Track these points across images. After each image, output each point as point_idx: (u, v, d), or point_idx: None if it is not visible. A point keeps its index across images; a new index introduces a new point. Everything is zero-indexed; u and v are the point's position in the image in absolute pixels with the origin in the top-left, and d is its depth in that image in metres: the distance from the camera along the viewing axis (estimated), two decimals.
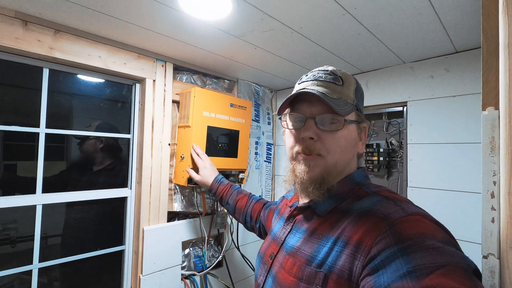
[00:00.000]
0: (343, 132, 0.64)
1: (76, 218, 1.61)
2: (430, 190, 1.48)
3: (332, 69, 0.69)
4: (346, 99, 0.65)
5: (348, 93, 0.66)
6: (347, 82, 0.67)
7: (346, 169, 0.68)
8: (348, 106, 0.64)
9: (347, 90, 0.66)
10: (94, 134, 1.59)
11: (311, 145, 0.64)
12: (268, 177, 2.28)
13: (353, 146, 0.68)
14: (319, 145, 0.64)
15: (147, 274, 1.48)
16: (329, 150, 0.64)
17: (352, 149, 0.68)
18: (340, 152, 0.65)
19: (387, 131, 1.84)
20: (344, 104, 0.64)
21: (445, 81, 1.47)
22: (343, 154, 0.66)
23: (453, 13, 1.07)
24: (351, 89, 0.67)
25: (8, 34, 1.11)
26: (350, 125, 0.66)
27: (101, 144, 1.69)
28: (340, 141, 0.64)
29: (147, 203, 1.53)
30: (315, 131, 0.64)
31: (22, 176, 1.52)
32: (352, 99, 0.66)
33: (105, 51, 1.38)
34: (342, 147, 0.65)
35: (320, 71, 0.69)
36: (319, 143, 0.64)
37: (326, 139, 0.63)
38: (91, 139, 1.67)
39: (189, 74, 1.79)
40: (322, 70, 0.69)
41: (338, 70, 0.70)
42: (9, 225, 1.68)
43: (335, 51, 1.47)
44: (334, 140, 0.64)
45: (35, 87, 1.30)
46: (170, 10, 1.10)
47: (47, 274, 1.48)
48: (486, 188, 0.49)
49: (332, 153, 0.64)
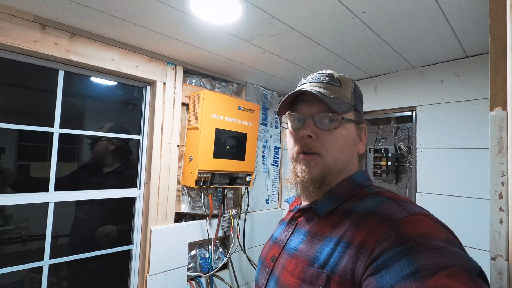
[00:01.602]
0: (341, 130, 0.65)
1: (85, 218, 1.64)
2: (440, 196, 1.46)
3: (330, 72, 0.72)
4: (343, 99, 0.67)
5: (346, 94, 0.68)
6: (345, 84, 0.70)
7: (346, 169, 0.69)
8: (346, 105, 0.66)
9: (345, 91, 0.69)
10: (106, 135, 1.62)
11: (309, 143, 0.66)
12: (275, 181, 2.28)
13: (352, 146, 0.69)
14: (317, 143, 0.65)
15: (153, 274, 1.49)
16: (328, 148, 0.65)
17: (350, 148, 0.68)
18: (338, 150, 0.66)
19: (396, 136, 1.83)
20: (342, 103, 0.66)
21: (455, 86, 1.46)
22: (342, 153, 0.66)
23: (462, 18, 1.07)
24: (348, 90, 0.69)
25: (27, 37, 1.15)
26: (348, 124, 0.67)
27: (112, 145, 1.72)
28: (338, 139, 0.65)
29: (155, 203, 1.55)
30: (313, 129, 0.65)
31: (35, 176, 1.57)
32: (349, 99, 0.68)
33: (118, 54, 1.42)
34: (340, 145, 0.66)
35: (319, 74, 0.71)
36: (318, 142, 0.65)
37: (325, 137, 0.65)
38: (102, 140, 1.71)
39: (199, 78, 1.82)
40: (320, 73, 0.72)
41: (336, 73, 0.72)
42: (21, 224, 1.73)
43: (343, 55, 1.47)
44: (332, 138, 0.65)
45: (50, 89, 1.34)
46: (181, 14, 1.13)
47: (56, 272, 1.51)
48: (494, 189, 0.48)
49: (331, 151, 0.65)
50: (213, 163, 1.61)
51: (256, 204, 2.10)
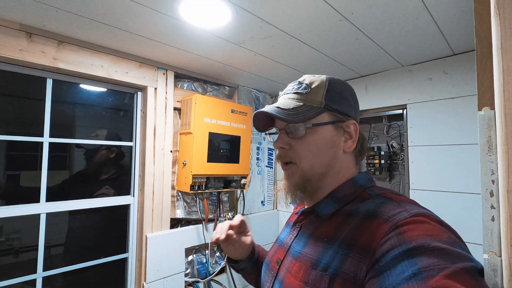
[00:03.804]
0: (313, 136, 0.67)
1: (79, 227, 1.62)
2: (433, 192, 1.48)
3: (302, 79, 0.72)
4: (310, 104, 0.67)
5: (314, 98, 0.68)
6: (316, 87, 0.69)
7: (332, 170, 0.68)
8: (312, 110, 0.66)
9: (313, 95, 0.68)
10: (97, 143, 1.60)
11: (283, 154, 0.70)
12: (270, 182, 2.28)
13: (330, 147, 0.68)
14: (291, 153, 0.68)
15: (150, 281, 1.48)
16: (300, 156, 0.67)
17: (329, 150, 0.68)
18: (312, 156, 0.67)
19: (388, 134, 1.85)
20: (305, 111, 0.66)
21: (444, 83, 1.48)
22: (318, 157, 0.67)
23: (448, 16, 1.09)
24: (319, 93, 0.68)
25: (13, 46, 1.13)
26: (321, 127, 0.67)
27: (112, 154, 1.69)
28: (310, 146, 0.67)
29: (150, 210, 1.53)
30: (285, 140, 0.69)
31: (25, 186, 1.53)
32: (319, 102, 0.67)
33: (108, 60, 1.40)
34: (313, 151, 0.67)
35: (291, 85, 0.74)
36: (292, 151, 0.68)
37: (297, 146, 0.68)
38: (103, 149, 1.68)
39: (190, 82, 1.81)
40: (293, 83, 0.74)
41: (310, 77, 0.72)
42: (13, 235, 1.69)
43: (333, 56, 1.49)
44: (304, 146, 0.67)
45: (38, 97, 1.32)
46: (170, 20, 1.12)
47: (51, 284, 1.48)
48: (485, 187, 0.49)
49: (304, 158, 0.67)
50: (208, 167, 1.61)
51: (252, 206, 2.10)
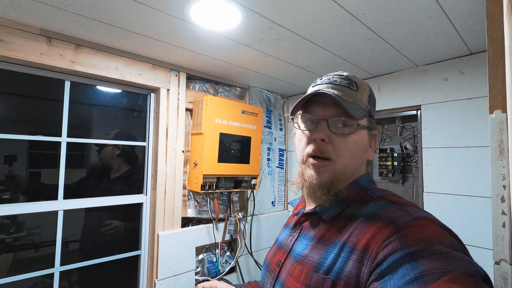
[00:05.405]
0: (355, 136, 0.64)
1: (94, 224, 1.67)
2: (447, 195, 1.44)
3: (347, 74, 0.69)
4: (359, 104, 0.65)
5: (362, 99, 0.66)
6: (361, 88, 0.68)
7: (354, 175, 0.67)
8: (362, 111, 0.64)
9: (361, 96, 0.67)
10: (112, 142, 1.65)
11: (322, 147, 0.63)
12: (280, 183, 2.28)
13: (363, 152, 0.67)
14: (330, 147, 0.63)
15: (162, 279, 1.51)
16: (340, 153, 0.63)
17: (362, 155, 0.67)
18: (350, 156, 0.64)
19: (401, 136, 1.81)
20: (358, 109, 0.64)
21: (460, 84, 1.43)
22: (353, 159, 0.65)
23: (463, 14, 1.06)
24: (364, 95, 0.67)
25: (33, 50, 1.19)
26: (362, 130, 0.65)
27: (117, 150, 1.75)
28: (351, 145, 0.64)
29: (161, 209, 1.57)
30: (327, 133, 0.63)
31: (45, 183, 1.60)
32: (365, 105, 0.66)
33: (122, 63, 1.44)
34: (352, 151, 0.64)
35: (335, 76, 0.69)
36: (330, 146, 0.63)
37: (338, 142, 0.63)
38: (108, 146, 1.74)
39: (202, 83, 1.84)
40: (337, 74, 0.69)
41: (352, 76, 0.70)
42: (33, 230, 1.77)
43: (345, 57, 1.47)
44: (345, 144, 0.63)
45: (57, 99, 1.38)
46: (181, 22, 1.14)
47: (67, 278, 1.54)
48: (496, 192, 0.48)
49: (342, 157, 0.63)
50: (218, 167, 1.62)
51: (262, 207, 2.11)
